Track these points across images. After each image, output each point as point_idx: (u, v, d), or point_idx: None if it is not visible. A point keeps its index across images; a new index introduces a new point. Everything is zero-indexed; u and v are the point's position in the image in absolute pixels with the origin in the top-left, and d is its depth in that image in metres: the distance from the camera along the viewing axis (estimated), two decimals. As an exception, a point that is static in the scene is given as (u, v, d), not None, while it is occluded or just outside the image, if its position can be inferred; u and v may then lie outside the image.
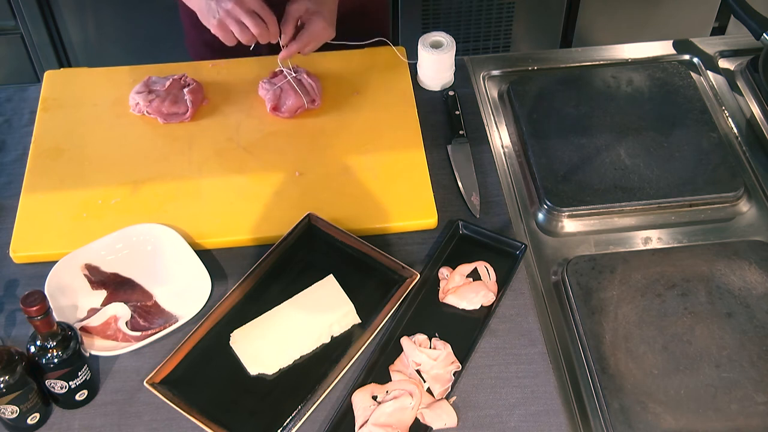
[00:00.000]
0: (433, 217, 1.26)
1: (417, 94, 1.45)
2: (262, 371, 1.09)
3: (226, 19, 1.26)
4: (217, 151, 1.36)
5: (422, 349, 1.10)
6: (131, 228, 1.23)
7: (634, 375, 1.08)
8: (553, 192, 1.30)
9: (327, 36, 1.35)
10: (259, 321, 1.12)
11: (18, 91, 1.49)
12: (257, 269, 1.18)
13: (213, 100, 1.43)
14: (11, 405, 1.00)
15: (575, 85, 1.47)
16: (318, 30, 1.33)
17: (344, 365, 1.08)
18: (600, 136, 1.38)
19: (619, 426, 1.04)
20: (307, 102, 1.39)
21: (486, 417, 1.06)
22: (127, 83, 1.44)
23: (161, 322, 1.15)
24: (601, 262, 1.20)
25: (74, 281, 1.18)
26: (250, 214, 1.27)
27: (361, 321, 1.15)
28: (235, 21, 1.26)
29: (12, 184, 1.33)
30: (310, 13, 1.33)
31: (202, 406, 1.06)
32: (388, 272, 1.19)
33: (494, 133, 1.43)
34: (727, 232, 1.28)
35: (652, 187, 1.30)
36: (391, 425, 1.03)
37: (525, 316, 1.16)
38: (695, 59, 1.55)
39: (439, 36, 1.45)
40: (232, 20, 1.26)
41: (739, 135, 1.42)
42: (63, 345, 1.01)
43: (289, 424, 1.03)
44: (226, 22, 1.26)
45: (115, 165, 1.34)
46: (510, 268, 1.20)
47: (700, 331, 1.12)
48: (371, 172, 1.32)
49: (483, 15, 2.44)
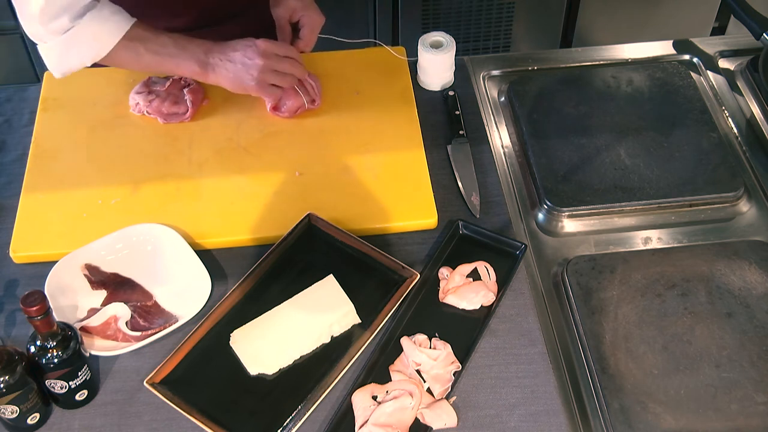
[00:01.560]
0: (433, 217, 1.26)
1: (417, 94, 1.45)
2: (262, 371, 1.09)
3: (263, 77, 1.25)
4: (217, 151, 1.36)
5: (422, 349, 1.10)
6: (131, 228, 1.23)
7: (634, 375, 1.08)
8: (553, 192, 1.30)
9: (322, 22, 1.37)
10: (259, 321, 1.12)
11: (18, 91, 1.49)
12: (257, 269, 1.18)
13: (213, 100, 1.43)
14: (11, 405, 1.00)
15: (575, 85, 1.47)
16: (315, 23, 1.35)
17: (344, 365, 1.08)
18: (600, 136, 1.38)
19: (619, 426, 1.04)
20: (307, 102, 1.39)
21: (486, 417, 1.06)
22: (127, 83, 1.44)
23: (161, 322, 1.15)
24: (601, 262, 1.20)
25: (74, 281, 1.18)
26: (250, 214, 1.27)
27: (361, 321, 1.15)
28: (272, 73, 1.26)
29: (12, 184, 1.33)
30: (298, 10, 1.34)
31: (202, 406, 1.06)
32: (388, 272, 1.19)
33: (494, 133, 1.43)
34: (727, 232, 1.28)
35: (652, 187, 1.30)
36: (391, 425, 1.03)
37: (525, 316, 1.16)
38: (695, 59, 1.55)
39: (439, 36, 1.45)
40: (269, 74, 1.25)
41: (739, 135, 1.42)
42: (63, 345, 1.01)
43: (289, 424, 1.03)
44: (265, 80, 1.25)
45: (115, 165, 1.34)
46: (510, 268, 1.20)
47: (700, 331, 1.12)
48: (371, 172, 1.32)
49: (483, 15, 2.44)
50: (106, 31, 1.17)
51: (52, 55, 1.18)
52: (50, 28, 1.14)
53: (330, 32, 1.44)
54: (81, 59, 1.19)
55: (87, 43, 1.17)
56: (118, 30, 1.18)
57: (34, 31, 1.16)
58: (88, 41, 1.17)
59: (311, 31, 1.34)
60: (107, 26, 1.17)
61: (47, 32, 1.15)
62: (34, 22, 1.13)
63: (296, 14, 1.35)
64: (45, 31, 1.14)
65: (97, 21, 1.16)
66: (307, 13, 1.34)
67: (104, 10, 1.17)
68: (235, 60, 1.24)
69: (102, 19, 1.16)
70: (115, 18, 1.18)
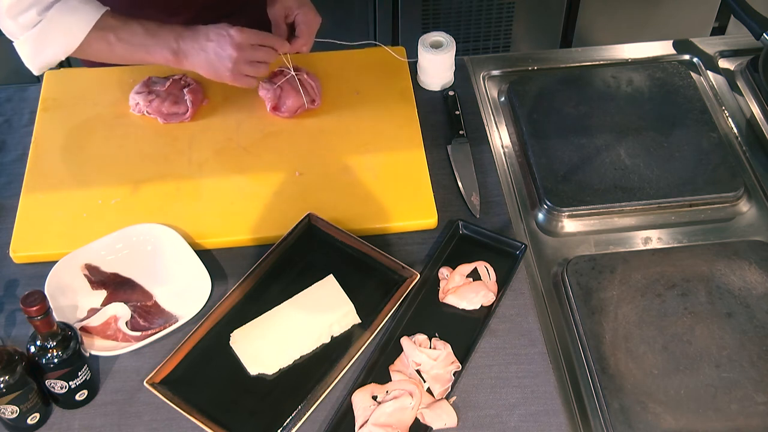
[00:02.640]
0: (433, 217, 1.26)
1: (417, 94, 1.45)
2: (262, 371, 1.09)
3: (237, 68, 1.24)
4: (217, 151, 1.36)
5: (422, 349, 1.10)
6: (131, 228, 1.23)
7: (634, 375, 1.08)
8: (553, 192, 1.30)
9: (318, 22, 1.36)
10: (259, 321, 1.12)
11: (18, 91, 1.49)
12: (257, 269, 1.18)
13: (213, 100, 1.43)
14: (11, 405, 1.00)
15: (575, 85, 1.47)
16: (311, 21, 1.35)
17: (344, 365, 1.08)
18: (600, 136, 1.38)
19: (619, 426, 1.04)
20: (307, 102, 1.39)
21: (486, 417, 1.06)
22: (127, 83, 1.44)
23: (161, 322, 1.15)
24: (601, 262, 1.20)
25: (74, 281, 1.18)
26: (250, 214, 1.27)
27: (361, 321, 1.15)
28: (247, 64, 1.25)
29: (12, 184, 1.33)
30: (294, 9, 1.34)
31: (202, 406, 1.06)
32: (388, 272, 1.19)
33: (494, 133, 1.43)
34: (727, 232, 1.28)
35: (652, 187, 1.30)
36: (391, 425, 1.03)
37: (525, 316, 1.16)
38: (695, 59, 1.55)
39: (439, 36, 1.45)
40: (243, 65, 1.24)
41: (739, 135, 1.42)
42: (63, 345, 1.01)
43: (289, 424, 1.03)
44: (239, 70, 1.25)
45: (115, 165, 1.34)
46: (510, 268, 1.20)
47: (700, 331, 1.12)
48: (371, 172, 1.32)
49: (483, 15, 2.44)
50: (76, 22, 1.17)
51: (25, 50, 1.19)
52: (19, 22, 1.15)
53: (330, 32, 1.44)
54: (54, 52, 1.19)
55: (58, 36, 1.17)
56: (88, 20, 1.17)
57: (6, 27, 1.16)
58: (59, 33, 1.17)
59: (308, 29, 1.34)
60: (76, 17, 1.17)
61: (18, 27, 1.16)
62: (4, 17, 1.14)
63: (292, 13, 1.35)
64: (15, 26, 1.15)
65: (65, 12, 1.16)
66: (303, 11, 1.34)
67: (72, 1, 1.17)
68: (208, 49, 1.23)
69: (70, 9, 1.16)
70: (85, 8, 1.18)
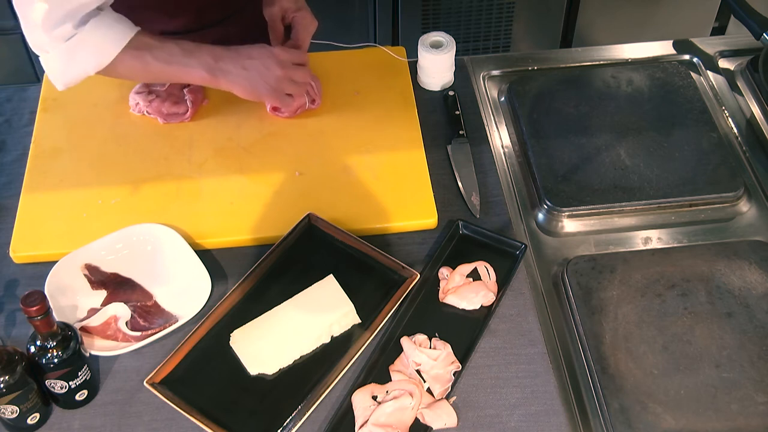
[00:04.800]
0: (433, 217, 1.26)
1: (417, 94, 1.45)
2: (262, 371, 1.09)
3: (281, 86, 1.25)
4: (217, 151, 1.36)
5: (422, 349, 1.10)
6: (131, 228, 1.23)
7: (634, 375, 1.08)
8: (553, 192, 1.30)
9: (315, 25, 1.36)
10: (259, 321, 1.12)
11: (18, 91, 1.49)
12: (257, 269, 1.18)
13: (213, 100, 1.43)
14: (11, 405, 1.00)
15: (575, 85, 1.47)
16: (308, 25, 1.35)
17: (344, 365, 1.08)
18: (600, 136, 1.38)
19: (619, 426, 1.04)
20: (307, 102, 1.39)
21: (486, 417, 1.06)
22: (127, 83, 1.44)
23: (161, 322, 1.15)
24: (601, 262, 1.20)
25: (74, 281, 1.18)
26: (250, 214, 1.27)
27: (361, 321, 1.15)
28: (290, 82, 1.26)
29: (12, 184, 1.33)
30: (291, 11, 1.34)
31: (202, 406, 1.06)
32: (388, 272, 1.19)
33: (494, 133, 1.43)
34: (727, 232, 1.28)
35: (652, 187, 1.30)
36: (391, 425, 1.03)
37: (525, 316, 1.16)
38: (695, 59, 1.55)
39: (439, 36, 1.45)
40: (286, 84, 1.26)
41: (739, 135, 1.42)
42: (63, 345, 1.01)
43: (289, 424, 1.03)
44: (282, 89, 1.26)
45: (115, 165, 1.34)
46: (510, 268, 1.20)
47: (700, 331, 1.12)
48: (371, 172, 1.32)
49: (483, 15, 2.44)
50: (110, 39, 1.15)
51: (54, 64, 1.16)
52: (53, 35, 1.12)
53: (330, 32, 1.44)
54: (84, 68, 1.17)
55: (90, 51, 1.15)
56: (121, 38, 1.16)
57: (37, 40, 1.14)
58: (92, 49, 1.15)
59: (304, 30, 1.34)
60: (111, 34, 1.16)
61: (50, 40, 1.13)
62: (37, 29, 1.12)
63: (288, 14, 1.35)
64: (48, 39, 1.13)
65: (100, 28, 1.15)
66: (300, 14, 1.34)
67: (108, 18, 1.16)
68: (251, 68, 1.22)
69: (106, 26, 1.15)
70: (119, 26, 1.16)
